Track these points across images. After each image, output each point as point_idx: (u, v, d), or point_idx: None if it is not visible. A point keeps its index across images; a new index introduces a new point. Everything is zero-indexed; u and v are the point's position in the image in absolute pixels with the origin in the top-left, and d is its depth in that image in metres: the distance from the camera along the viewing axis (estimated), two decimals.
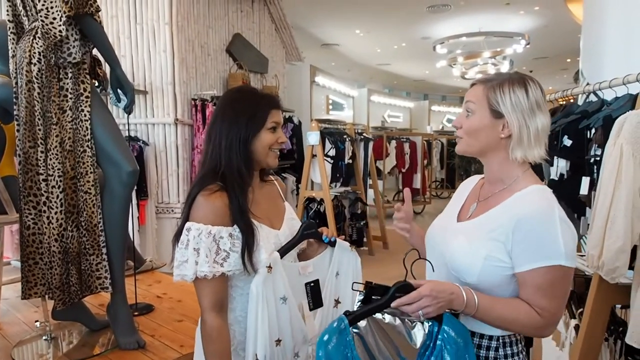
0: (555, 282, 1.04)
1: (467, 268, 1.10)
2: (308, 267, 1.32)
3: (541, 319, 1.05)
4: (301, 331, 1.28)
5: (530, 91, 1.10)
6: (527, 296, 1.05)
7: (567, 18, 6.70)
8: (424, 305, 1.01)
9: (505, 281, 1.08)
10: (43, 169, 1.95)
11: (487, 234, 1.09)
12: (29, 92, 1.93)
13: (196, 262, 1.17)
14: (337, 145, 5.29)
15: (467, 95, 1.18)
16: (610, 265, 1.56)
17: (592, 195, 1.82)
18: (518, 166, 1.14)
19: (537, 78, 1.18)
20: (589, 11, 3.31)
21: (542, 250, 1.03)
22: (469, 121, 1.15)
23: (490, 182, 1.20)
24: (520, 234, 1.04)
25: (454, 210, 1.27)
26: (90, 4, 1.96)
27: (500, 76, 1.14)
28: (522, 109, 1.09)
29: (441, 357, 1.02)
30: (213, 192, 1.21)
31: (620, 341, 1.83)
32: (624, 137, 1.55)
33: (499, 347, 1.11)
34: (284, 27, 6.55)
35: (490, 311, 1.05)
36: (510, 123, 1.10)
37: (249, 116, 1.26)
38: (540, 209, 1.05)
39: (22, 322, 2.43)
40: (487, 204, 1.17)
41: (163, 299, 2.72)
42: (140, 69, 4.44)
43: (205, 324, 1.20)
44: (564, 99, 2.30)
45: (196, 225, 1.19)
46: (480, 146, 1.15)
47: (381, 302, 1.04)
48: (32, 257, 2.00)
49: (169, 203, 4.49)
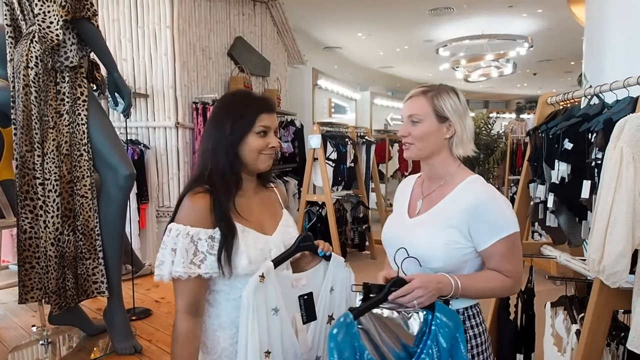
0: (513, 247, 1.26)
1: (431, 255, 1.26)
2: (301, 279, 1.29)
3: (511, 279, 1.26)
4: (292, 345, 1.24)
5: (460, 97, 1.33)
6: (494, 265, 1.26)
7: (571, 21, 6.66)
8: (417, 295, 1.15)
9: (465, 260, 1.27)
10: (40, 172, 1.94)
11: (442, 222, 1.27)
12: (26, 96, 1.93)
13: (172, 262, 1.16)
14: (339, 149, 5.27)
15: (410, 107, 1.34)
16: (611, 269, 1.53)
17: (593, 199, 1.79)
18: (454, 162, 1.35)
19: (541, 81, 1.27)
20: (591, 14, 3.29)
21: (499, 225, 1.24)
22: (419, 128, 1.31)
23: (431, 180, 1.38)
24: (476, 217, 1.24)
25: (402, 209, 1.43)
26: (87, 8, 1.96)
27: (433, 87, 1.35)
28: (459, 112, 1.31)
29: (436, 340, 1.15)
30: (197, 193, 1.22)
31: (622, 346, 1.81)
32: (624, 140, 1.52)
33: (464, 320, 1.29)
34: (286, 30, 6.55)
35: (471, 288, 1.24)
36: (453, 123, 1.30)
37: (233, 120, 1.25)
38: (485, 193, 1.27)
39: (19, 326, 2.42)
40: (432, 198, 1.35)
41: (161, 303, 2.71)
42: (141, 73, 4.44)
43: (176, 325, 1.20)
44: (565, 102, 2.28)
45: (176, 226, 1.19)
46: (431, 149, 1.32)
47: (380, 296, 1.17)
48: (28, 261, 2.00)
49: (170, 207, 4.48)
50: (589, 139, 1.90)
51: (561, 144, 2.01)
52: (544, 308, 2.19)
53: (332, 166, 5.19)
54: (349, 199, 5.73)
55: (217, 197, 1.21)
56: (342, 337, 1.10)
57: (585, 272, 1.88)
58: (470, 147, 1.34)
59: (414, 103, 1.33)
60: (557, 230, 2.10)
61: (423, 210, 1.35)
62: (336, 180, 5.28)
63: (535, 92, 16.51)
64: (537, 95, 17.74)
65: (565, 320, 2.04)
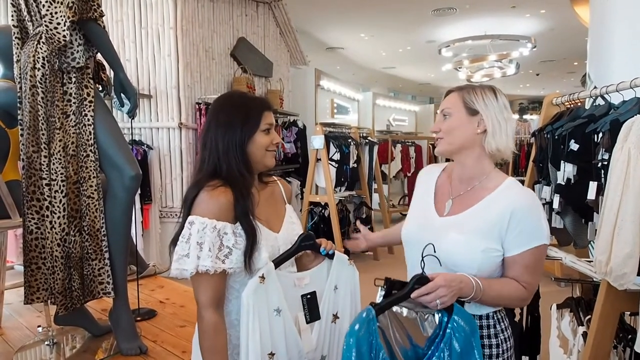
0: (538, 260, 1.22)
1: (467, 262, 1.21)
2: (304, 278, 1.28)
3: (526, 291, 1.22)
4: (296, 345, 1.24)
5: (498, 95, 1.28)
6: (515, 274, 1.21)
7: (574, 21, 6.65)
8: (441, 294, 1.10)
9: (497, 267, 1.23)
10: (46, 173, 1.95)
11: (480, 228, 1.22)
12: (32, 97, 1.94)
13: (198, 256, 1.14)
14: (342, 149, 5.27)
15: (443, 103, 1.32)
16: (619, 271, 1.53)
17: (599, 200, 1.79)
18: (489, 163, 1.29)
19: (544, 81, 1.24)
20: (596, 14, 3.28)
21: (533, 234, 1.19)
22: (447, 122, 1.28)
23: (462, 180, 1.32)
24: (515, 223, 1.18)
25: (427, 207, 1.35)
26: (94, 9, 1.97)
27: (472, 84, 1.33)
28: (494, 107, 1.25)
29: (450, 344, 1.11)
30: (216, 187, 1.20)
31: (629, 349, 1.80)
32: (632, 141, 1.52)
33: (495, 324, 1.26)
34: (289, 31, 6.55)
35: (490, 292, 1.19)
36: (485, 118, 1.24)
37: (243, 120, 1.26)
38: (528, 198, 1.22)
39: (24, 327, 2.43)
40: (464, 200, 1.29)
41: (166, 304, 2.72)
42: (144, 73, 4.45)
43: (203, 319, 1.18)
44: (570, 102, 2.27)
45: (200, 219, 1.16)
46: (460, 143, 1.27)
47: (404, 293, 1.12)
48: (34, 262, 2.00)
49: (173, 207, 4.49)
50: (595, 140, 1.89)
51: (567, 144, 2.00)
52: (549, 310, 2.19)
53: (335, 167, 5.19)
54: (352, 199, 5.73)
55: (238, 194, 1.21)
56: (363, 334, 1.05)
57: (592, 274, 1.87)
58: (509, 146, 1.26)
59: (448, 99, 1.32)
60: (563, 231, 2.10)
61: (454, 212, 1.29)
62: (339, 181, 5.28)
63: (538, 92, 16.48)
64: (540, 95, 17.63)
65: (571, 322, 2.03)
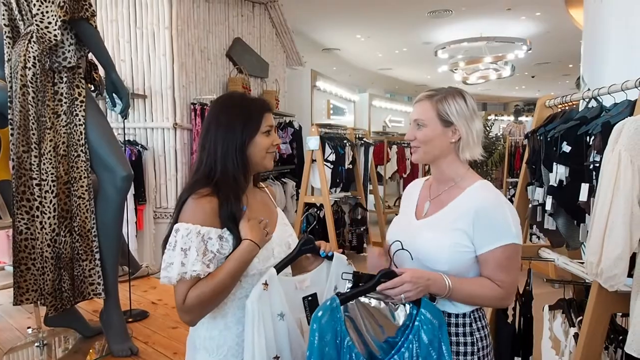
0: (510, 258, 1.25)
1: (436, 257, 1.27)
2: (305, 281, 1.29)
3: (502, 290, 1.26)
4: (300, 347, 1.25)
5: (467, 101, 1.32)
6: (489, 273, 1.26)
7: (569, 24, 6.68)
8: (405, 289, 1.16)
9: (470, 264, 1.27)
10: (37, 173, 1.93)
11: (449, 225, 1.28)
12: (23, 96, 1.92)
13: (182, 263, 1.15)
14: (337, 150, 5.27)
15: (416, 112, 1.35)
16: (609, 272, 1.53)
17: (591, 202, 1.79)
18: (462, 166, 1.35)
19: (539, 83, 1.25)
20: (590, 17, 3.29)
21: (500, 232, 1.24)
22: (423, 133, 1.33)
23: (439, 182, 1.39)
24: (479, 221, 1.24)
25: (409, 211, 1.44)
26: (85, 9, 1.96)
27: (440, 91, 1.34)
28: (465, 116, 1.30)
29: (418, 336, 1.17)
30: (203, 195, 1.21)
31: (620, 350, 1.80)
32: (622, 143, 1.52)
33: (471, 322, 1.29)
34: (285, 31, 6.55)
35: (461, 290, 1.24)
36: (458, 128, 1.30)
37: (244, 121, 1.25)
38: (491, 199, 1.28)
39: (14, 328, 2.41)
40: (439, 201, 1.36)
41: (158, 305, 2.70)
42: (139, 73, 4.43)
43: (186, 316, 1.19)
44: (563, 105, 2.28)
45: (185, 226, 1.17)
46: (435, 152, 1.34)
47: (369, 286, 1.18)
48: (24, 263, 1.99)
49: (167, 208, 4.47)
50: (587, 142, 1.90)
51: (559, 146, 2.00)
52: (542, 311, 2.19)
53: (331, 168, 5.18)
54: (347, 200, 5.72)
55: (225, 199, 1.21)
56: (326, 320, 1.11)
57: (584, 275, 1.88)
58: (478, 151, 1.34)
59: (420, 107, 1.34)
60: (555, 233, 2.10)
61: (430, 213, 1.36)
62: (334, 182, 5.27)
63: (534, 94, 16.54)
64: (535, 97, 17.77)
65: (563, 324, 2.04)
